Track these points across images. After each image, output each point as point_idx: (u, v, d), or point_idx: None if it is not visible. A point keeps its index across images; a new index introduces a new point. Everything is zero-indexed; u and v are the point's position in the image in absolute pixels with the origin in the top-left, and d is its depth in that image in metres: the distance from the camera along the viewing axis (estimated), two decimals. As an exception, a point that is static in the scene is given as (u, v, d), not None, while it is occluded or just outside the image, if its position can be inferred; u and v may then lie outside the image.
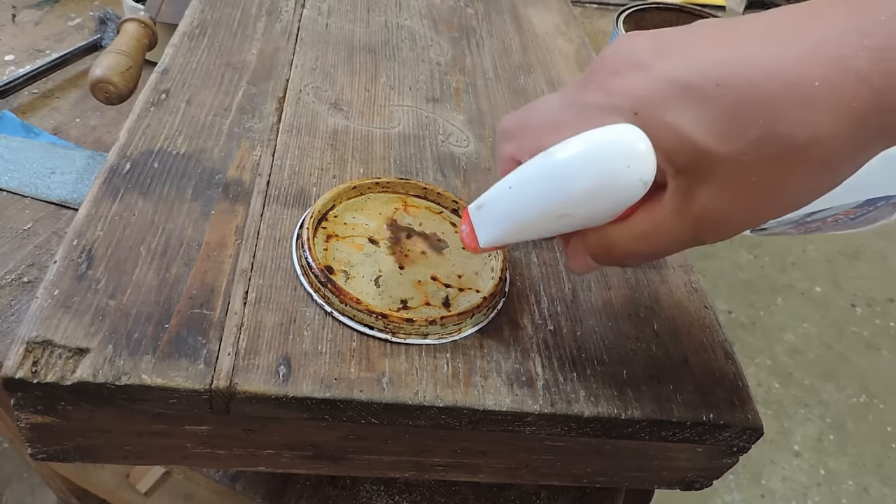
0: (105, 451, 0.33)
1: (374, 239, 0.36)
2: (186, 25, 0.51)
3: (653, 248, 0.27)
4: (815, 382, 1.52)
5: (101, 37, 0.71)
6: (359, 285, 0.34)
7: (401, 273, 0.35)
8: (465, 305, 0.34)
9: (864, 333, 1.64)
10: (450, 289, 0.35)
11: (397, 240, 0.36)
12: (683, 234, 0.26)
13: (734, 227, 0.25)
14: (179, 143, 0.41)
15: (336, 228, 0.36)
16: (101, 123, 0.64)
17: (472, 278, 0.36)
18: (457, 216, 0.39)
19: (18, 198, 0.55)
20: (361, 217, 0.37)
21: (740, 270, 1.76)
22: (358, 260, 0.35)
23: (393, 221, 0.37)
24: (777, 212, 0.25)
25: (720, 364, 0.35)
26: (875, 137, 0.23)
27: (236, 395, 0.29)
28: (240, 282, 0.33)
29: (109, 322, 0.30)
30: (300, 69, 0.49)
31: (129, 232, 0.35)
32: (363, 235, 0.36)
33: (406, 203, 0.39)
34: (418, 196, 0.39)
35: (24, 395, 0.29)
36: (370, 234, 0.36)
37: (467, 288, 0.35)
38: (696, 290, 0.39)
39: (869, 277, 1.78)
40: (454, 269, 0.36)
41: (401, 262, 0.35)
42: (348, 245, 0.35)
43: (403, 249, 0.36)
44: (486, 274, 0.36)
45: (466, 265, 0.36)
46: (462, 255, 0.37)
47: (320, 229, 0.35)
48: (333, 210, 0.37)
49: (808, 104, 0.22)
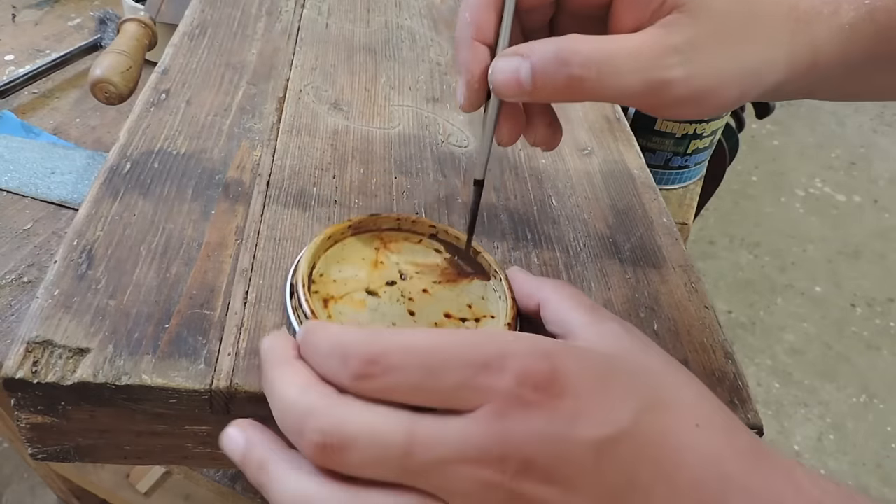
0: (105, 451, 0.33)
1: (371, 290, 0.33)
2: (186, 25, 0.51)
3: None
4: (815, 382, 1.52)
5: (101, 37, 0.71)
6: None
7: (414, 320, 0.33)
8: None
9: (864, 333, 1.64)
10: (467, 322, 0.33)
11: (393, 283, 0.34)
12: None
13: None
14: (179, 143, 0.41)
15: (328, 289, 0.33)
16: (101, 123, 0.65)
17: (482, 304, 0.34)
18: (436, 241, 0.37)
19: (18, 198, 0.55)
20: (347, 268, 0.34)
21: (740, 270, 1.76)
22: (366, 318, 0.32)
23: (380, 264, 0.35)
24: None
25: (720, 364, 0.35)
26: None
27: (237, 395, 0.29)
28: (240, 282, 0.33)
29: (110, 322, 0.30)
30: (300, 69, 0.49)
31: (129, 232, 0.35)
32: (359, 289, 0.33)
33: (383, 240, 0.36)
34: (392, 229, 0.37)
35: (24, 395, 0.29)
36: (364, 285, 0.34)
37: (482, 316, 0.34)
38: (696, 291, 0.39)
39: (869, 277, 1.78)
40: (461, 300, 0.34)
41: (409, 308, 0.33)
42: (349, 305, 0.32)
43: (405, 294, 0.34)
44: (491, 296, 0.34)
45: (470, 293, 0.35)
46: (462, 284, 0.35)
47: (313, 295, 0.32)
48: (316, 269, 0.33)
49: None
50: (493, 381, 0.21)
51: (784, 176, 2.11)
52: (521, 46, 0.28)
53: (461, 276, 0.35)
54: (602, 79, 0.26)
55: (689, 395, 0.25)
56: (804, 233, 1.91)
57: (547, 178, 0.44)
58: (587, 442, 0.21)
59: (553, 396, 0.21)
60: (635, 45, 0.26)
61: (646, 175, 0.46)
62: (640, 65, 0.26)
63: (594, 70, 0.26)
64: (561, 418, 0.21)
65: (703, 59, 0.26)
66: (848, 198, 2.05)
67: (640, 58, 0.26)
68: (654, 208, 0.43)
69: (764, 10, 0.27)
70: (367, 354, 0.22)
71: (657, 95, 0.27)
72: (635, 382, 0.24)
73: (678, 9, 0.26)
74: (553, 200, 0.43)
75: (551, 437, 0.21)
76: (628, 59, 0.26)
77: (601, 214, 0.42)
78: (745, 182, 2.07)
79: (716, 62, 0.27)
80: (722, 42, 0.27)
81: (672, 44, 0.26)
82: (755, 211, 1.97)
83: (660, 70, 0.26)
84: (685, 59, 0.26)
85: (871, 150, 2.24)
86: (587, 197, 0.43)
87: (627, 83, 0.26)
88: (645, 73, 0.26)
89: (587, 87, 0.26)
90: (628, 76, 0.26)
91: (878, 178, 2.13)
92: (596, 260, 0.39)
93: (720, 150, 0.85)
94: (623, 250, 0.40)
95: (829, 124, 2.33)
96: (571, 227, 0.41)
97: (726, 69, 0.27)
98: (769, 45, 0.28)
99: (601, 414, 0.22)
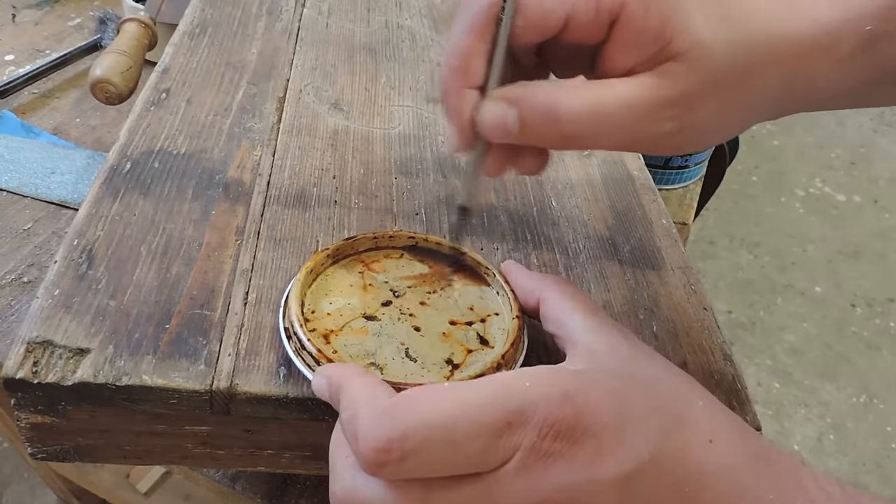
0: (105, 451, 0.33)
1: (369, 315, 0.32)
2: (187, 25, 0.51)
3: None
4: (815, 382, 1.52)
5: (101, 37, 0.71)
6: (398, 369, 0.30)
7: (422, 335, 0.32)
8: (502, 334, 0.32)
9: (864, 333, 1.64)
10: (474, 325, 0.32)
11: (389, 303, 0.33)
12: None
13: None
14: (180, 142, 0.41)
15: (325, 324, 0.31)
16: (101, 123, 0.65)
17: (482, 304, 0.34)
18: (417, 252, 0.36)
19: (18, 198, 0.55)
20: (337, 299, 0.33)
21: (740, 270, 1.76)
22: (374, 345, 0.31)
23: (369, 287, 0.34)
24: None
25: (719, 366, 0.35)
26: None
27: (237, 395, 0.29)
28: (240, 282, 0.33)
29: (110, 322, 0.30)
30: (300, 69, 0.49)
31: (129, 232, 0.35)
32: (356, 317, 0.32)
33: (365, 262, 0.35)
34: (371, 249, 0.35)
35: (24, 395, 0.29)
36: (360, 311, 0.32)
37: (486, 316, 0.33)
38: (696, 292, 0.39)
39: (869, 277, 1.78)
40: (461, 304, 0.34)
41: (412, 324, 0.32)
42: (352, 335, 0.31)
43: (404, 311, 0.33)
44: (488, 294, 0.34)
45: (467, 295, 0.34)
46: (456, 288, 0.34)
47: (311, 333, 0.30)
48: (306, 306, 0.32)
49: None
50: (516, 439, 0.21)
51: (784, 176, 2.11)
52: (510, 90, 0.27)
53: (453, 281, 0.35)
54: (592, 135, 0.26)
55: (699, 406, 0.25)
56: (804, 233, 1.91)
57: (546, 179, 0.44)
58: (610, 481, 0.21)
59: (574, 442, 0.21)
60: (629, 98, 0.25)
61: (645, 176, 0.46)
62: (632, 119, 0.25)
63: (585, 126, 0.25)
64: (583, 463, 0.21)
65: (698, 112, 0.26)
66: (848, 198, 2.05)
67: (633, 112, 0.25)
68: (653, 210, 0.43)
69: (765, 51, 0.26)
70: (381, 441, 0.21)
71: (645, 145, 0.27)
72: (650, 405, 0.23)
73: (676, 58, 0.25)
74: (553, 202, 0.43)
75: (575, 484, 0.21)
76: (621, 114, 0.25)
77: (601, 216, 0.42)
78: (745, 182, 2.06)
79: (710, 113, 0.26)
80: (718, 93, 0.26)
81: (667, 96, 0.25)
82: (755, 211, 1.97)
83: (652, 123, 0.26)
84: (679, 113, 0.26)
85: (871, 150, 2.24)
86: (587, 198, 0.43)
87: (618, 136, 0.26)
88: (636, 127, 0.26)
89: (576, 142, 0.26)
90: (619, 130, 0.26)
91: (878, 178, 2.13)
92: (595, 261, 0.39)
93: (720, 150, 0.85)
94: (622, 252, 0.40)
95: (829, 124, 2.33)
96: (571, 229, 0.41)
97: (720, 117, 0.27)
98: (766, 89, 0.27)
99: (622, 450, 0.22)
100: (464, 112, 0.28)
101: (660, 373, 0.26)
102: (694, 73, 0.25)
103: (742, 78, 0.26)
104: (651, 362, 0.26)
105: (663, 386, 0.25)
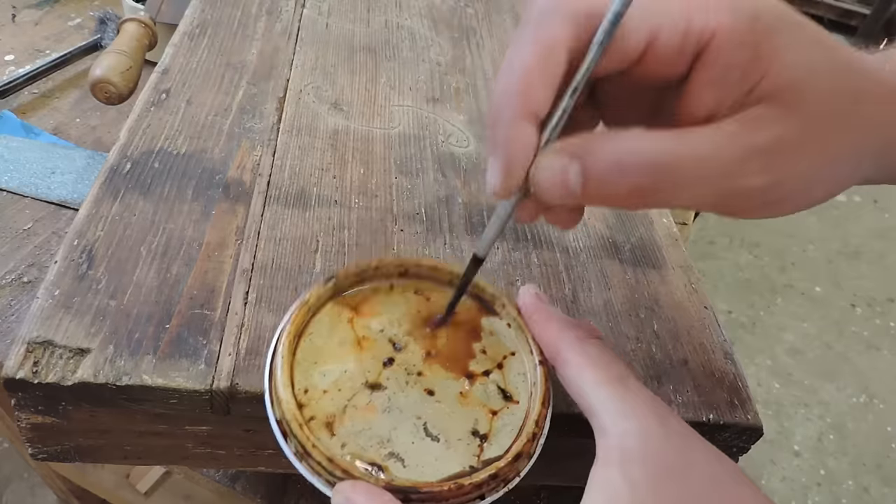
0: (105, 451, 0.33)
1: (372, 383, 0.27)
2: (187, 25, 0.51)
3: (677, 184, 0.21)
4: (815, 382, 1.52)
5: (101, 37, 0.71)
6: (421, 455, 0.25)
7: (437, 400, 0.27)
8: (524, 381, 0.28)
9: (864, 333, 1.64)
10: (492, 374, 0.28)
11: (391, 361, 0.28)
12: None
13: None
14: (180, 142, 0.41)
15: (323, 407, 0.26)
16: (101, 123, 0.65)
17: (494, 341, 0.29)
18: (402, 279, 0.30)
19: (18, 198, 0.55)
20: (330, 365, 0.27)
21: (740, 270, 1.76)
22: (387, 427, 0.26)
23: (364, 341, 0.28)
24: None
25: (720, 364, 0.35)
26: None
27: (237, 395, 0.29)
28: (240, 282, 0.33)
29: (110, 322, 0.30)
30: (300, 69, 0.49)
31: (129, 232, 0.35)
32: (357, 389, 0.27)
33: (352, 306, 0.29)
34: (349, 288, 0.30)
35: (24, 395, 0.29)
36: (361, 380, 0.27)
37: (502, 358, 0.29)
38: (696, 291, 0.39)
39: (869, 277, 1.78)
40: (472, 347, 0.29)
41: (424, 386, 0.27)
42: (358, 419, 0.26)
43: (411, 370, 0.28)
44: (498, 326, 0.30)
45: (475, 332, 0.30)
46: (459, 325, 0.29)
47: (311, 424, 0.25)
48: (297, 385, 0.26)
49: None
50: None
51: (784, 176, 2.11)
52: (573, 143, 0.23)
53: (456, 315, 0.30)
54: (669, 190, 0.22)
55: (740, 492, 0.23)
56: (804, 233, 1.91)
57: (547, 178, 0.44)
58: None
59: None
60: (711, 151, 0.21)
61: (646, 175, 0.46)
62: (715, 172, 0.22)
63: (661, 180, 0.22)
64: None
65: (791, 163, 0.22)
66: (848, 198, 2.05)
67: (717, 165, 0.21)
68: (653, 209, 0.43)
69: (870, 91, 0.23)
70: None
71: (731, 205, 0.23)
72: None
73: (768, 100, 0.21)
74: (553, 201, 0.43)
75: None
76: (702, 167, 0.22)
77: (601, 214, 0.42)
78: (745, 182, 2.07)
79: (805, 163, 0.22)
80: (816, 139, 0.22)
81: (755, 145, 0.21)
82: (755, 211, 1.97)
83: (738, 178, 0.22)
84: (769, 165, 0.22)
85: (871, 150, 2.24)
86: (587, 197, 0.43)
87: (698, 194, 0.22)
88: (720, 182, 0.22)
89: (649, 199, 0.22)
90: (700, 185, 0.22)
91: (877, 178, 2.13)
92: (596, 260, 0.39)
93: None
94: (623, 251, 0.40)
95: (829, 124, 2.33)
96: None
97: (816, 170, 0.22)
98: (870, 138, 0.23)
99: None
100: (519, 152, 0.23)
101: (700, 462, 0.23)
102: (788, 118, 0.22)
103: (844, 119, 0.22)
104: (688, 451, 0.24)
105: (705, 492, 0.23)
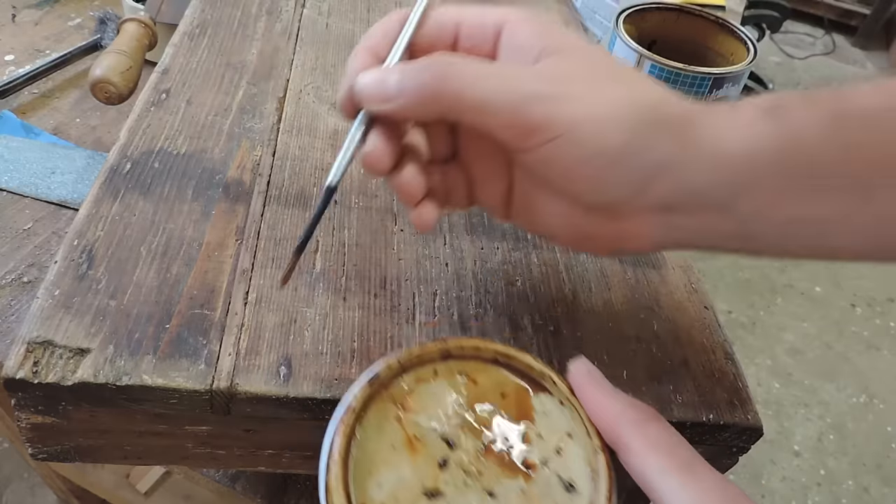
0: (105, 451, 0.33)
1: (430, 491, 0.24)
2: (187, 25, 0.51)
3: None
4: (815, 382, 1.52)
5: (101, 37, 0.71)
6: None
7: (498, 502, 0.24)
8: (584, 468, 0.25)
9: (864, 333, 1.64)
10: (551, 463, 0.25)
11: (446, 463, 0.25)
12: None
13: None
14: (180, 142, 0.41)
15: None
16: (101, 123, 0.65)
17: (547, 423, 0.26)
18: (445, 362, 0.27)
19: (18, 198, 0.55)
20: (385, 474, 0.25)
21: (740, 270, 1.76)
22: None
23: (416, 442, 0.25)
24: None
25: (720, 364, 0.35)
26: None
27: (237, 395, 0.29)
28: (240, 282, 0.33)
29: (110, 322, 0.30)
30: (300, 69, 0.49)
31: (129, 232, 0.35)
32: (416, 497, 0.24)
33: (396, 399, 0.26)
34: (392, 380, 0.27)
35: (24, 395, 0.29)
36: (419, 488, 0.24)
37: (559, 444, 0.26)
38: (696, 291, 0.39)
39: (869, 277, 1.78)
40: (526, 433, 0.26)
41: (485, 487, 0.25)
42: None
43: (469, 469, 0.25)
44: (549, 404, 0.27)
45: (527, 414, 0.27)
46: (509, 409, 0.27)
47: None
48: (352, 500, 0.24)
49: None
50: None
51: (784, 176, 2.11)
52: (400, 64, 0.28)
53: (507, 396, 0.27)
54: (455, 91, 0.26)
55: None
56: (804, 233, 1.91)
57: (547, 178, 0.44)
58: None
59: None
60: (497, 68, 0.27)
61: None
62: (510, 84, 0.26)
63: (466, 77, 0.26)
64: None
65: (574, 87, 0.26)
66: (848, 198, 2.05)
67: (512, 77, 0.26)
68: (654, 208, 0.43)
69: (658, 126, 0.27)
70: None
71: (523, 114, 0.26)
72: None
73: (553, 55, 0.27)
74: (553, 201, 0.42)
75: None
76: (500, 76, 0.26)
77: (601, 215, 0.42)
78: (745, 182, 2.07)
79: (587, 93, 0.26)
80: (593, 78, 0.27)
81: (541, 71, 0.27)
82: (755, 211, 1.97)
83: (528, 83, 0.26)
84: (554, 81, 0.26)
85: (871, 150, 2.24)
86: (587, 197, 0.43)
87: (495, 92, 0.26)
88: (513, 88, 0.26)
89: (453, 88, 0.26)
90: (497, 86, 0.26)
91: (877, 178, 2.13)
92: (596, 260, 0.39)
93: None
94: (623, 250, 0.40)
95: (829, 124, 2.33)
96: (571, 228, 0.41)
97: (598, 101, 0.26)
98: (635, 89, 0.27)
99: None
100: (352, 72, 0.28)
101: None
102: (568, 60, 0.27)
103: (615, 73, 0.27)
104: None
105: None
